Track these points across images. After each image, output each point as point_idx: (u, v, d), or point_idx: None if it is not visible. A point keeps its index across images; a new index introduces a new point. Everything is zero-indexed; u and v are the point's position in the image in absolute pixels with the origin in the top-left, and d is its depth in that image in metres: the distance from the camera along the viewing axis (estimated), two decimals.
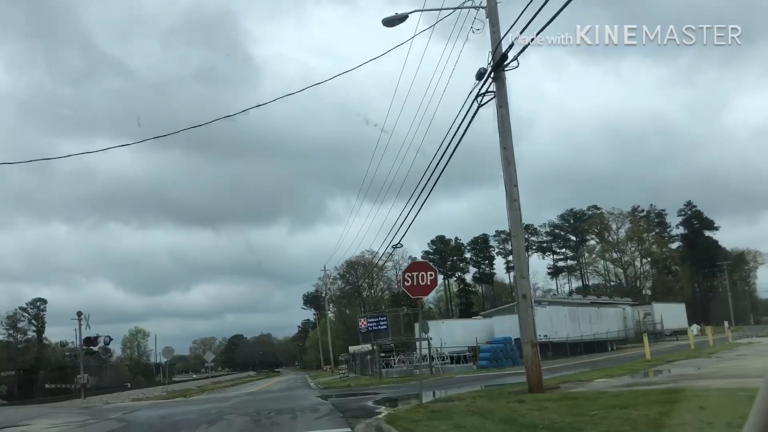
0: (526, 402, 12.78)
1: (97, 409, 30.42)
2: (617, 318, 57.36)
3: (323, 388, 36.36)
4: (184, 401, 34.07)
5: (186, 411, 24.66)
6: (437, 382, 31.10)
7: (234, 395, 37.23)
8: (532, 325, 15.75)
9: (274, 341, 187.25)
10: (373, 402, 21.45)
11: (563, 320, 50.18)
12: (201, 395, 43.21)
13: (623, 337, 57.20)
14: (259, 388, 49.71)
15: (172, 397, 41.70)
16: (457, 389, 24.33)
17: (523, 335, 15.61)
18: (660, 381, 19.73)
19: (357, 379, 41.19)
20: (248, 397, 32.70)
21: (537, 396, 14.12)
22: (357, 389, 31.99)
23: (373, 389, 29.92)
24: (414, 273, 14.69)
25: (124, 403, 36.07)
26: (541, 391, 15.13)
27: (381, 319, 41.76)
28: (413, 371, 40.62)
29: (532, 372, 15.37)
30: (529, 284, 16.51)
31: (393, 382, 34.74)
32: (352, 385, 35.55)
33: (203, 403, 29.76)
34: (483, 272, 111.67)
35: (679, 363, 26.71)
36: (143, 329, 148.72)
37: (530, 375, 15.38)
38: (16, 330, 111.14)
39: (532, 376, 15.31)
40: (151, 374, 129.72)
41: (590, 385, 19.08)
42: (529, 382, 15.43)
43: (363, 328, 41.94)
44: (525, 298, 15.74)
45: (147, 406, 30.94)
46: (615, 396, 13.37)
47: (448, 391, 23.75)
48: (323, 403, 23.28)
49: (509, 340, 45.29)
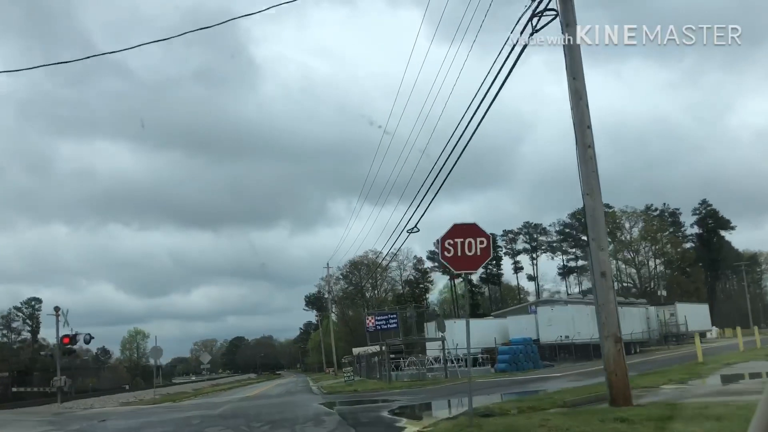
0: (635, 423, 8.50)
1: (68, 417, 26.19)
2: (640, 318, 52.94)
3: (327, 393, 32.08)
4: (171, 407, 29.86)
5: (165, 420, 20.45)
6: (459, 387, 26.84)
7: (227, 400, 33.01)
8: (615, 314, 11.52)
9: (275, 343, 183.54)
10: (389, 412, 17.24)
11: (586, 320, 45.68)
12: (193, 399, 38.97)
13: (646, 339, 52.77)
14: (257, 392, 45.50)
15: (161, 401, 37.47)
16: (489, 396, 20.09)
17: (602, 327, 11.36)
18: (751, 389, 15.55)
19: (363, 383, 36.92)
20: (242, 403, 28.46)
21: (635, 411, 9.85)
22: (366, 395, 27.74)
23: (385, 395, 25.69)
24: (458, 240, 10.45)
25: (104, 409, 31.85)
26: (629, 403, 10.87)
27: (390, 317, 37.38)
28: (425, 374, 36.36)
29: (616, 378, 11.08)
30: (608, 258, 12.19)
31: (404, 386, 30.50)
32: (360, 390, 31.27)
33: (190, 410, 25.54)
34: (490, 273, 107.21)
35: (740, 366, 22.49)
36: (142, 330, 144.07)
37: (614, 382, 11.08)
38: (11, 330, 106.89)
39: (618, 384, 11.03)
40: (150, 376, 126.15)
41: (665, 394, 14.92)
42: (612, 392, 11.14)
43: (370, 327, 37.59)
44: (605, 277, 11.49)
45: (125, 413, 26.71)
46: (740, 408, 9.24)
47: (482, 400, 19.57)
48: (328, 412, 19.06)
49: (529, 341, 41.06)
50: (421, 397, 22.42)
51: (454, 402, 20.17)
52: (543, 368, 39.65)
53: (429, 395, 23.38)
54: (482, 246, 10.54)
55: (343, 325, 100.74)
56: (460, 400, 20.34)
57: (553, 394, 17.55)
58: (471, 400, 11.11)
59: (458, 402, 19.76)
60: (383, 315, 38.09)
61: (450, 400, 21.14)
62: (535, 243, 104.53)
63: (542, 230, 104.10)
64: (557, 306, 47.10)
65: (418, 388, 28.43)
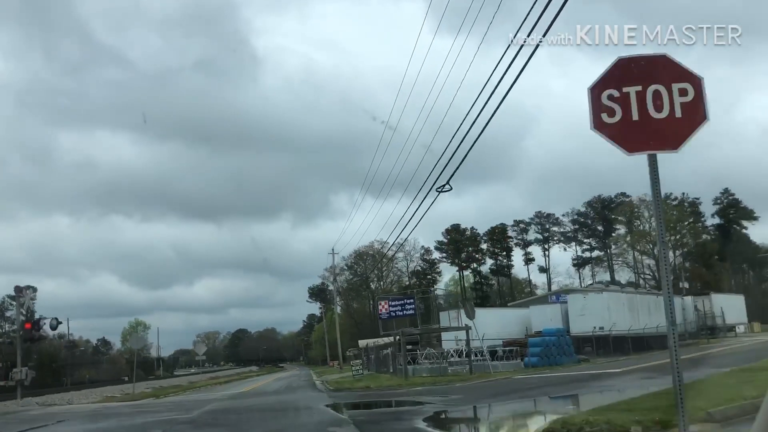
0: None
1: (14, 418, 20.77)
2: (677, 309, 47.39)
3: (334, 390, 26.53)
4: (145, 406, 24.43)
5: (121, 427, 15.04)
6: (495, 385, 21.34)
7: (216, 397, 27.62)
8: None
9: (278, 336, 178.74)
10: (425, 421, 11.78)
11: (622, 310, 40.27)
12: (179, 395, 33.57)
13: (681, 331, 47.07)
14: (254, 386, 40.15)
15: (143, 397, 32.06)
16: (553, 401, 14.62)
17: None
18: None
19: (375, 378, 31.41)
20: (230, 402, 23.05)
21: None
22: (382, 393, 22.30)
23: (406, 394, 20.24)
24: (631, 88, 4.82)
25: (67, 407, 26.43)
26: None
27: (407, 302, 31.63)
28: (446, 369, 30.83)
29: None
30: None
31: (425, 382, 25.05)
32: (372, 386, 25.71)
33: (164, 411, 20.17)
34: (500, 264, 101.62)
35: None
36: (143, 321, 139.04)
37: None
38: (4, 319, 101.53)
39: None
40: (151, 368, 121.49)
41: None
42: None
43: (384, 313, 31.93)
44: None
45: (86, 414, 21.26)
46: None
47: (551, 404, 14.18)
48: (338, 419, 13.61)
49: (563, 332, 35.53)
50: (457, 399, 16.91)
51: (510, 407, 14.66)
52: (578, 363, 34.18)
53: (464, 395, 17.90)
54: (686, 100, 5.02)
55: (347, 317, 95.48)
56: (518, 404, 14.83)
57: (656, 399, 11.96)
58: None
59: (518, 408, 14.26)
60: (398, 300, 32.35)
61: (496, 404, 15.63)
62: (547, 234, 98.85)
63: (555, 220, 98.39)
64: (591, 294, 41.49)
65: (443, 385, 22.97)
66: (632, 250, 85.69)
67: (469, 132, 14.03)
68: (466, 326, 30.89)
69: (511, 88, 12.08)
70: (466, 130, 14.10)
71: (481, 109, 13.12)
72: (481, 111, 13.17)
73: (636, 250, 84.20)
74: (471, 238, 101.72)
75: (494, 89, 12.24)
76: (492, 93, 12.45)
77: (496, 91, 12.27)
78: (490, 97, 12.58)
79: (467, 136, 14.28)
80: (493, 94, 12.44)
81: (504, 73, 11.52)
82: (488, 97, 12.63)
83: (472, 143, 14.38)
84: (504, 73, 11.52)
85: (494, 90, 12.29)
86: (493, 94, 12.44)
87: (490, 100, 12.62)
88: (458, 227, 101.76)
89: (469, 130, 13.97)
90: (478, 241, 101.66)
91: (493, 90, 12.31)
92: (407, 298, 32.22)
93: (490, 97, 12.57)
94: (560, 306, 46.92)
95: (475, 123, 13.54)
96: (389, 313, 31.03)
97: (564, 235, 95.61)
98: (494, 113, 12.95)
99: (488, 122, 13.31)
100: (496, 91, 12.30)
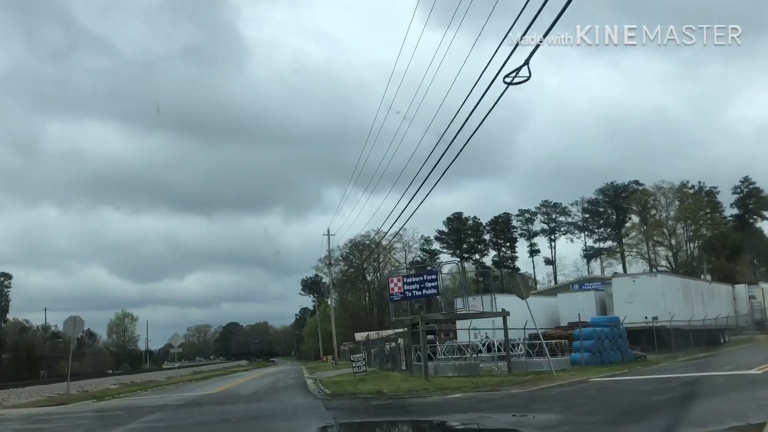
0: None
1: None
2: (728, 299, 39.55)
3: (332, 394, 18.36)
4: (77, 411, 16.47)
5: None
6: (600, 395, 13.36)
7: (170, 402, 19.67)
8: None
9: (270, 330, 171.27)
10: None
11: (677, 298, 32.33)
12: (132, 396, 25.37)
13: (733, 324, 39.26)
14: (231, 385, 32.17)
15: (81, 399, 23.86)
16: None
17: None
18: None
19: (384, 378, 23.34)
20: (177, 414, 15.11)
21: None
22: (404, 402, 14.31)
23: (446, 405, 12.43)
24: None
25: None
26: None
27: (428, 278, 22.94)
28: (478, 366, 22.84)
29: None
30: None
31: (461, 386, 17.07)
32: (387, 390, 17.53)
33: (69, 428, 12.10)
34: (504, 255, 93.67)
35: None
36: (131, 313, 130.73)
37: None
38: None
39: None
40: (139, 361, 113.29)
41: None
42: None
43: (396, 293, 23.22)
44: None
45: None
46: None
47: None
48: None
49: (616, 322, 27.60)
50: (575, 423, 8.89)
51: None
52: (634, 360, 26.38)
53: (570, 414, 9.91)
54: None
55: (342, 310, 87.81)
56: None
57: None
58: None
59: None
60: (416, 277, 23.75)
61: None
62: (554, 224, 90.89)
63: (562, 210, 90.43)
64: (643, 277, 33.44)
65: (492, 391, 15.12)
66: (647, 240, 78.03)
67: (467, 123, 12.88)
68: (503, 311, 22.95)
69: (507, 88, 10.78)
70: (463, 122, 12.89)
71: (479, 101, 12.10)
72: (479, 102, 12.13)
73: (653, 240, 76.38)
74: (473, 227, 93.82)
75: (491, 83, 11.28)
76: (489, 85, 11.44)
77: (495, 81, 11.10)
78: (489, 86, 11.52)
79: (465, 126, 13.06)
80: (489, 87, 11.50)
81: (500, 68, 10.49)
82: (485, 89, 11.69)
83: (471, 133, 13.26)
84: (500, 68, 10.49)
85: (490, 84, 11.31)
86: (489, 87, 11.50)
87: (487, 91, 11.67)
88: (460, 216, 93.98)
89: (466, 122, 12.87)
90: (481, 231, 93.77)
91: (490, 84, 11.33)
92: (428, 274, 23.82)
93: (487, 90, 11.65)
94: (594, 294, 39.08)
95: (475, 109, 12.43)
96: (403, 293, 22.77)
97: (573, 225, 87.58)
98: (494, 105, 11.97)
99: (490, 111, 12.17)
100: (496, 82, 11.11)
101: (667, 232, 76.84)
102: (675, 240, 76.87)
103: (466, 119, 12.68)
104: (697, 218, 78.21)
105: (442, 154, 14.76)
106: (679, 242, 76.76)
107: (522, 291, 19.20)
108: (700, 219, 79.13)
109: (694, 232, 78.29)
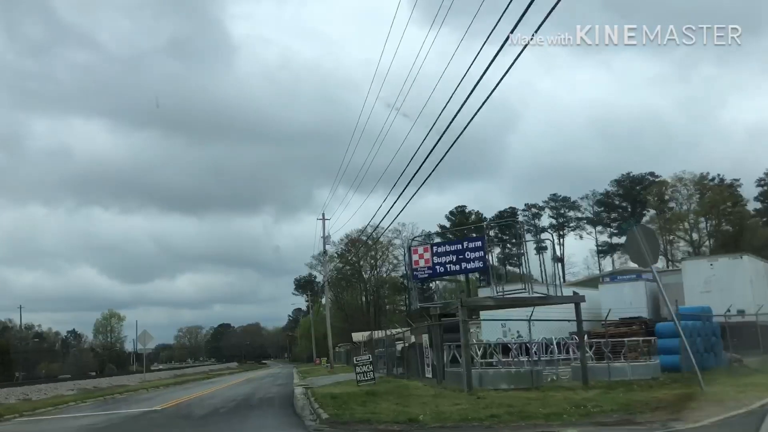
0: None
1: None
2: None
3: (330, 419, 11.05)
4: None
5: None
6: None
7: (97, 422, 12.24)
8: None
9: (263, 332, 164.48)
10: None
11: (764, 285, 25.19)
12: (58, 411, 18.08)
13: None
14: (203, 392, 24.98)
15: None
16: None
17: None
18: None
19: (400, 391, 16.06)
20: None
21: None
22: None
23: None
24: None
25: None
26: None
27: (470, 246, 14.99)
28: (540, 374, 15.54)
29: None
30: None
31: (537, 410, 9.74)
32: (423, 418, 10.21)
33: None
34: (508, 252, 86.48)
35: None
36: (117, 313, 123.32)
37: None
38: None
39: None
40: (126, 362, 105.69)
41: None
42: None
43: (422, 268, 15.41)
44: None
45: None
46: None
47: None
48: None
49: (708, 311, 20.32)
50: None
51: None
52: (729, 364, 19.22)
53: None
54: None
55: (337, 310, 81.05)
56: None
57: None
58: None
59: None
60: (452, 245, 15.53)
61: None
62: (563, 219, 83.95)
63: (571, 204, 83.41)
64: (723, 260, 26.03)
65: (622, 425, 7.81)
66: (665, 234, 71.21)
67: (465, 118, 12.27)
68: (575, 295, 15.72)
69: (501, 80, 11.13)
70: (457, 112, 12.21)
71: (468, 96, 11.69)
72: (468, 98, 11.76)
73: (674, 233, 69.40)
74: (477, 222, 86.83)
75: (480, 77, 11.26)
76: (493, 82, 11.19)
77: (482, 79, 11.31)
78: (480, 77, 11.25)
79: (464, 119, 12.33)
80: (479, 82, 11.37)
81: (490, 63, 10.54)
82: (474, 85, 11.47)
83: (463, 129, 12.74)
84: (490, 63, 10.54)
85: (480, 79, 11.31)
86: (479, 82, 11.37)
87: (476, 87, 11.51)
88: (463, 210, 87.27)
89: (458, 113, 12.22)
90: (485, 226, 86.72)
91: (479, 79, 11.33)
92: (471, 241, 16.07)
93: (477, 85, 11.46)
94: (645, 284, 32.00)
95: (470, 96, 11.81)
96: (432, 267, 15.22)
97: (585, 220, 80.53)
98: (484, 103, 11.75)
99: (478, 110, 11.80)
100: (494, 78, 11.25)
101: (688, 226, 70.06)
102: (698, 234, 70.08)
103: (463, 115, 12.09)
104: (717, 213, 71.42)
105: (442, 149, 13.57)
106: (701, 237, 69.89)
107: (646, 251, 11.78)
108: (720, 214, 72.34)
109: (715, 227, 71.52)
